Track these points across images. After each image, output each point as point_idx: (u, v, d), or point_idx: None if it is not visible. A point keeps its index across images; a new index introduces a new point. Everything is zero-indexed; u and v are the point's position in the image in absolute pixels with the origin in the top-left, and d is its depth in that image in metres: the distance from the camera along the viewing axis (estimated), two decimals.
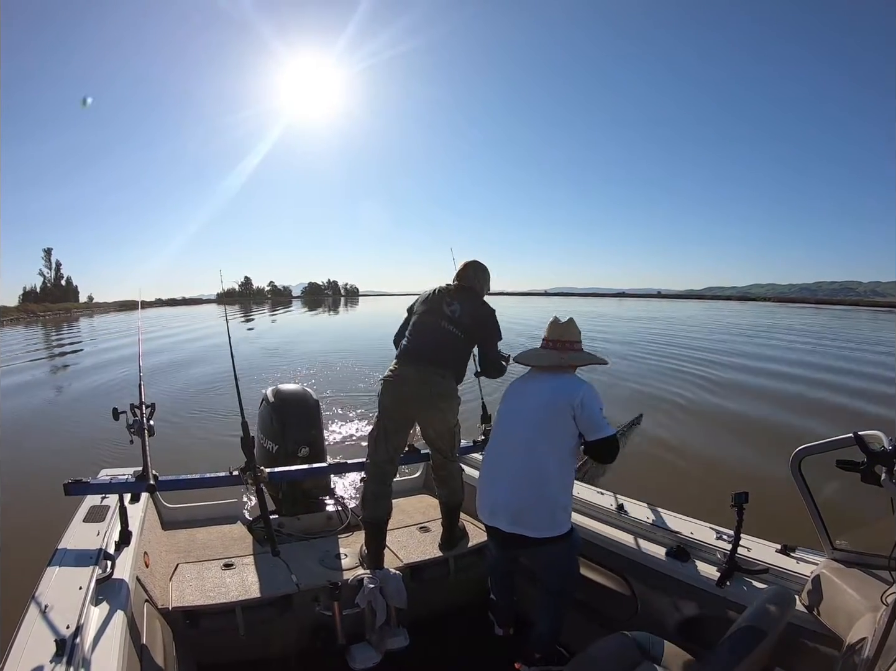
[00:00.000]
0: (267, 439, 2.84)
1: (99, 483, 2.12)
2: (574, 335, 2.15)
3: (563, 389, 2.00)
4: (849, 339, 20.64)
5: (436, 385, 2.38)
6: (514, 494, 1.98)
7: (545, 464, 1.96)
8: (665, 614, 2.00)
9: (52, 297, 76.63)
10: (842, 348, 17.53)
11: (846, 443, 1.57)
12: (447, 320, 2.45)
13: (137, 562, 1.93)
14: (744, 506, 1.93)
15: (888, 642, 1.16)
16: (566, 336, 2.13)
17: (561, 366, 2.09)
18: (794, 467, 1.78)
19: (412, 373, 2.37)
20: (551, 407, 1.99)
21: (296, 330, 26.95)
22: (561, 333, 2.14)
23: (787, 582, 1.81)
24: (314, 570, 2.29)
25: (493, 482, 2.08)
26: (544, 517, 1.94)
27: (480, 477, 2.18)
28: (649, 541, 2.15)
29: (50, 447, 6.23)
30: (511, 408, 2.14)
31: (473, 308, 2.51)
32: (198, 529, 2.69)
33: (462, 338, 2.44)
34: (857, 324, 32.71)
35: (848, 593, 1.57)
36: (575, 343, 2.13)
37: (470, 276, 2.61)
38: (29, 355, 16.84)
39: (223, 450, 5.35)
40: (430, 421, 2.48)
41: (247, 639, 2.05)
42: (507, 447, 2.07)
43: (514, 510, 1.97)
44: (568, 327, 2.15)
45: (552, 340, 2.14)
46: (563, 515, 1.98)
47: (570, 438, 1.98)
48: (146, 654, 1.58)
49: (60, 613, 1.46)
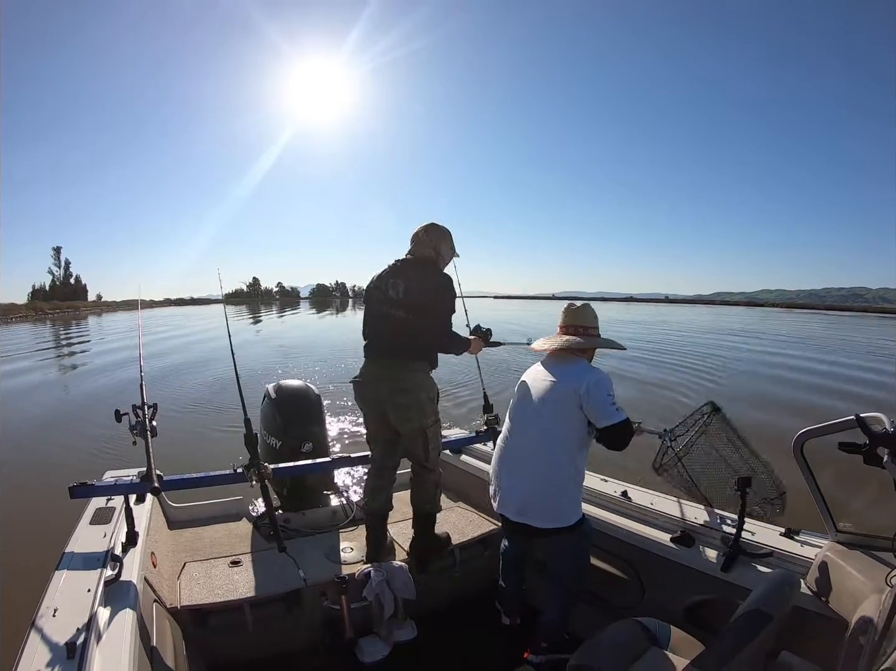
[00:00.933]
0: (270, 435, 2.84)
1: (104, 485, 2.12)
2: (589, 320, 2.09)
3: (570, 377, 1.96)
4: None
5: (393, 380, 2.20)
6: (521, 484, 1.98)
7: (555, 454, 1.93)
8: (671, 600, 2.01)
9: (61, 295, 76.50)
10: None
11: (848, 426, 1.56)
12: (390, 304, 2.22)
13: (145, 562, 1.94)
14: (747, 491, 1.94)
15: (893, 623, 1.16)
16: (580, 321, 2.08)
17: (572, 350, 2.04)
18: (797, 450, 1.78)
19: (372, 370, 2.26)
20: (558, 395, 1.95)
21: (301, 329, 26.96)
22: (574, 318, 2.09)
23: (791, 565, 1.81)
24: (321, 565, 2.30)
25: (503, 471, 2.08)
26: (552, 508, 1.93)
27: (493, 465, 2.15)
28: (654, 528, 2.16)
29: (55, 449, 6.24)
30: (522, 396, 2.09)
31: (421, 281, 2.22)
32: (204, 528, 2.70)
33: (413, 319, 2.18)
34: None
35: (852, 575, 1.57)
36: (590, 328, 2.07)
37: (423, 244, 2.32)
38: (32, 353, 16.84)
39: (227, 447, 5.36)
40: (397, 420, 2.25)
41: (256, 635, 2.06)
42: (517, 437, 2.05)
43: (522, 500, 1.97)
44: (583, 311, 2.10)
45: (566, 325, 2.09)
46: (572, 507, 1.97)
47: (579, 427, 1.93)
48: (156, 655, 1.59)
49: (70, 616, 1.47)
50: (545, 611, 2.13)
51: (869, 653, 1.20)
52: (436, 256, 2.33)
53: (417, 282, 2.23)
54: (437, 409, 2.33)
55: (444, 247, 2.36)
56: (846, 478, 2.11)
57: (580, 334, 2.05)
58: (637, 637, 1.60)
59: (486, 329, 2.47)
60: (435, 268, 2.31)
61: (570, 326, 2.08)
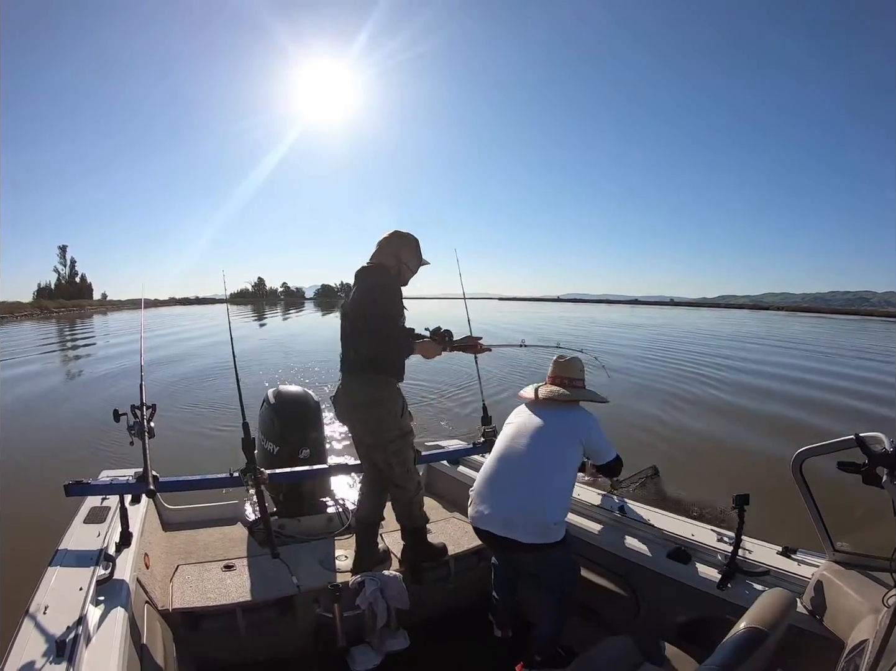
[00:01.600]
0: (268, 440, 2.84)
1: (99, 484, 2.12)
2: (576, 372, 2.26)
3: (573, 424, 2.14)
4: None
5: (350, 395, 2.19)
6: (510, 502, 2.01)
7: (549, 477, 2.03)
8: (666, 616, 2.00)
9: (67, 293, 76.84)
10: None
11: (847, 445, 1.56)
12: (345, 316, 2.23)
13: (138, 563, 1.93)
14: (744, 508, 1.93)
15: (889, 644, 1.15)
16: (567, 373, 2.25)
17: (565, 401, 2.19)
18: (796, 469, 1.78)
19: (340, 386, 2.26)
20: (562, 439, 2.10)
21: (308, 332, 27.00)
22: (563, 370, 2.26)
23: (788, 584, 1.80)
24: (315, 572, 2.29)
25: (490, 489, 2.08)
26: (538, 526, 1.96)
27: (477, 484, 2.15)
28: (650, 544, 2.15)
29: (52, 446, 6.22)
30: (520, 426, 2.17)
31: (358, 289, 2.17)
32: (198, 531, 2.69)
33: (352, 329, 2.18)
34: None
35: (849, 595, 1.56)
36: (576, 380, 2.25)
37: (383, 251, 2.26)
38: (31, 350, 16.84)
39: (224, 451, 5.35)
40: (358, 436, 2.30)
41: (247, 640, 2.04)
42: (511, 461, 2.10)
43: (509, 516, 1.99)
44: (571, 364, 2.27)
45: (555, 376, 2.26)
46: (558, 529, 2.01)
47: (576, 461, 2.12)
48: (146, 656, 1.58)
49: (61, 614, 1.46)
50: (538, 624, 2.12)
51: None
52: (397, 264, 2.25)
53: (357, 290, 2.18)
54: (405, 423, 2.24)
55: (405, 254, 2.27)
56: (844, 497, 2.10)
57: (565, 386, 2.22)
58: (631, 652, 1.59)
59: (446, 331, 2.32)
60: (382, 274, 2.19)
61: (559, 377, 2.25)
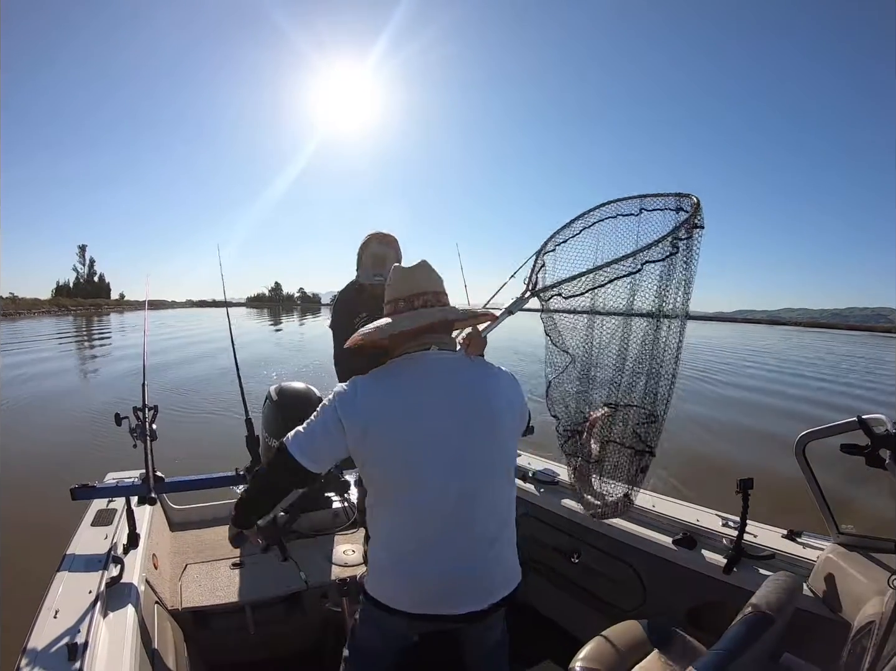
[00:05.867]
0: (272, 437, 2.83)
1: (105, 487, 2.12)
2: (441, 283, 1.34)
3: (507, 382, 1.32)
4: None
5: None
6: (471, 559, 1.19)
7: (502, 496, 1.26)
8: (673, 602, 2.01)
9: (84, 292, 76.85)
10: None
11: (850, 428, 1.56)
12: None
13: (146, 564, 1.94)
14: (749, 493, 1.93)
15: None
16: (439, 285, 1.32)
17: (448, 334, 1.36)
18: (799, 452, 1.78)
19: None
20: (506, 413, 1.26)
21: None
22: (430, 280, 1.31)
23: (793, 567, 1.81)
24: (322, 567, 2.30)
25: (435, 554, 1.18)
26: (512, 564, 1.29)
27: (399, 556, 1.20)
28: (656, 530, 2.15)
29: (58, 449, 6.24)
30: (423, 429, 1.17)
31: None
32: (205, 530, 2.71)
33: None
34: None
35: (855, 577, 1.57)
36: (444, 295, 1.32)
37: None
38: (35, 341, 16.88)
39: (229, 449, 5.37)
40: None
41: (257, 637, 2.06)
42: (433, 493, 1.16)
43: (483, 578, 1.21)
44: (431, 271, 1.33)
45: (428, 293, 1.28)
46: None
47: (515, 448, 1.35)
48: (157, 656, 1.59)
49: (71, 618, 1.46)
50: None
51: (871, 656, 1.20)
52: (358, 269, 2.19)
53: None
54: None
55: (363, 255, 2.15)
56: (848, 479, 2.11)
57: (446, 303, 1.31)
58: (639, 639, 1.60)
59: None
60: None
61: (434, 292, 1.30)
